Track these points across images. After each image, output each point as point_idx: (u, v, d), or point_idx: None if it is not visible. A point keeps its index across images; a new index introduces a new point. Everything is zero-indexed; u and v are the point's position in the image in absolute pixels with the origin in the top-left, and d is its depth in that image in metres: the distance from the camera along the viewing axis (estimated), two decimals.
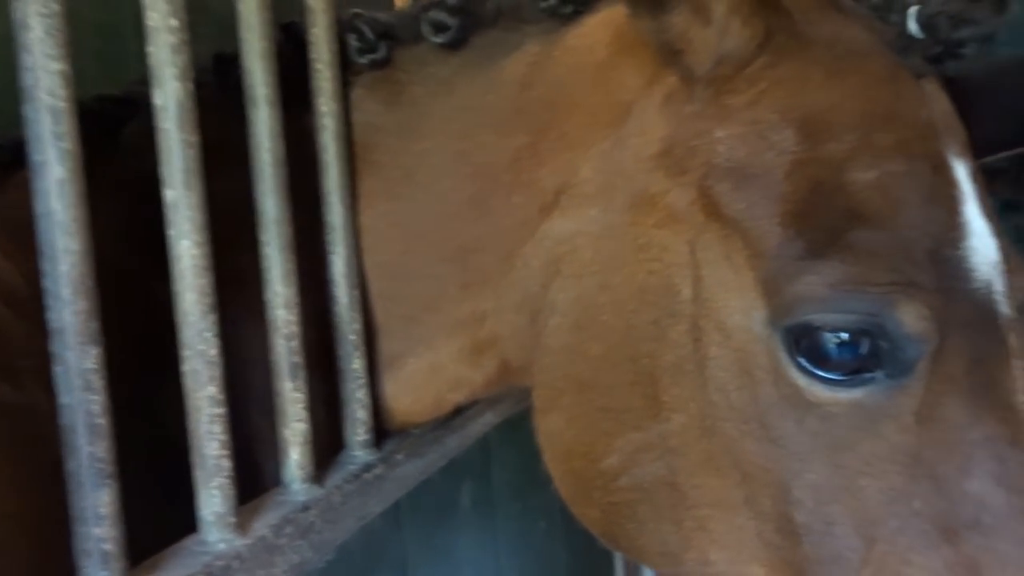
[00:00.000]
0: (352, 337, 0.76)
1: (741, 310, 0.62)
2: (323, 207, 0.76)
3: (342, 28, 0.77)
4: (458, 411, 0.87)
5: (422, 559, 1.28)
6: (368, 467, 0.75)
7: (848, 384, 0.59)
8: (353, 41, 0.77)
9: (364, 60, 0.77)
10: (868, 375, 0.58)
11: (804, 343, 0.59)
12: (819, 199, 0.60)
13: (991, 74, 0.77)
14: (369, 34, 0.77)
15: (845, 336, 0.58)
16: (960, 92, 0.69)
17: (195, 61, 0.61)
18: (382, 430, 0.79)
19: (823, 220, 0.60)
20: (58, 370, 0.51)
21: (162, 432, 0.64)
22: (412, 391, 0.80)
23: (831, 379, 0.59)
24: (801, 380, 0.59)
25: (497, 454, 1.40)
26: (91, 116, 0.64)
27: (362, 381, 0.77)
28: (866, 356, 0.58)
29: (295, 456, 0.69)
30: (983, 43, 0.64)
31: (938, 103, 0.67)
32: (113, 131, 0.80)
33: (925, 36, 0.65)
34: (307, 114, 0.75)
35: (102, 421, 0.52)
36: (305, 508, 0.67)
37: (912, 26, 0.65)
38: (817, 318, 0.58)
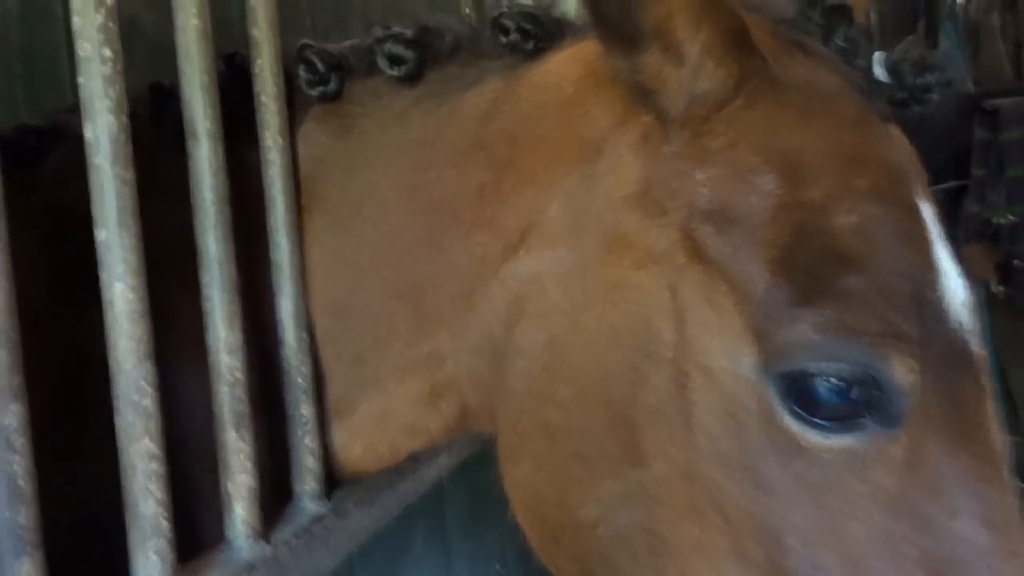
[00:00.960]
0: (300, 381, 0.72)
1: (728, 354, 0.60)
2: (269, 245, 0.72)
3: (291, 59, 0.74)
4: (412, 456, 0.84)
5: None
6: (318, 519, 0.71)
7: (840, 430, 0.57)
8: (303, 73, 0.74)
9: (314, 92, 0.74)
10: (860, 420, 0.57)
11: (797, 389, 0.57)
12: (804, 243, 0.59)
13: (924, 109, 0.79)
14: (320, 66, 0.74)
15: (838, 383, 0.57)
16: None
17: (129, 91, 0.58)
18: (332, 479, 0.75)
19: (810, 265, 0.59)
20: None
21: (88, 491, 0.59)
22: (364, 438, 0.76)
23: (823, 425, 0.57)
24: (793, 426, 0.58)
25: (451, 494, 1.36)
26: (11, 147, 0.60)
27: (310, 427, 0.73)
28: (858, 403, 0.57)
29: (239, 511, 0.65)
30: (945, 87, 0.64)
31: (903, 146, 0.67)
32: (34, 163, 0.75)
33: (891, 81, 0.65)
34: (252, 148, 0.72)
35: (24, 484, 0.47)
36: (251, 568, 0.63)
37: (878, 71, 0.65)
38: (811, 365, 0.57)
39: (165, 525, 0.56)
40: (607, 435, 0.63)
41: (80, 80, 0.55)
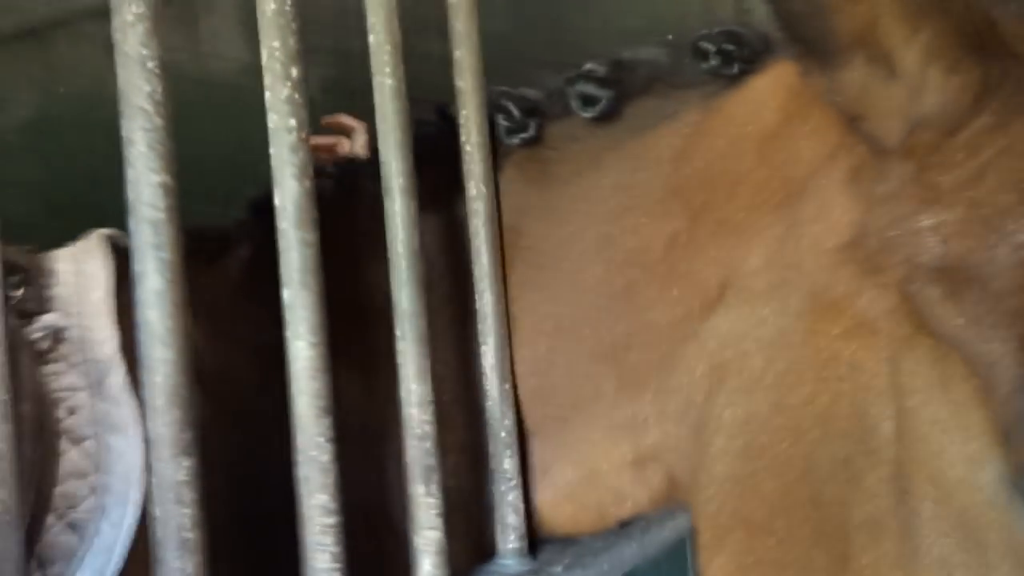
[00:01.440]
0: (503, 435, 0.70)
1: (965, 459, 0.47)
2: (474, 295, 0.71)
3: (490, 107, 0.72)
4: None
5: None
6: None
7: None
8: (502, 121, 0.72)
9: (515, 140, 0.72)
10: None
11: None
12: None
13: None
14: (517, 112, 0.72)
15: None
16: None
17: None
18: (537, 540, 0.72)
19: None
20: (152, 481, 0.52)
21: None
22: (569, 499, 0.72)
23: None
24: None
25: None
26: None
27: (514, 483, 0.70)
28: None
29: (427, 566, 0.64)
30: None
31: None
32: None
33: None
34: (457, 199, 0.72)
35: (191, 535, 0.52)
36: None
37: None
38: None
39: None
40: (815, 543, 0.52)
41: (271, 151, 0.59)
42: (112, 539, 0.68)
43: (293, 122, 0.58)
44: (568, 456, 0.71)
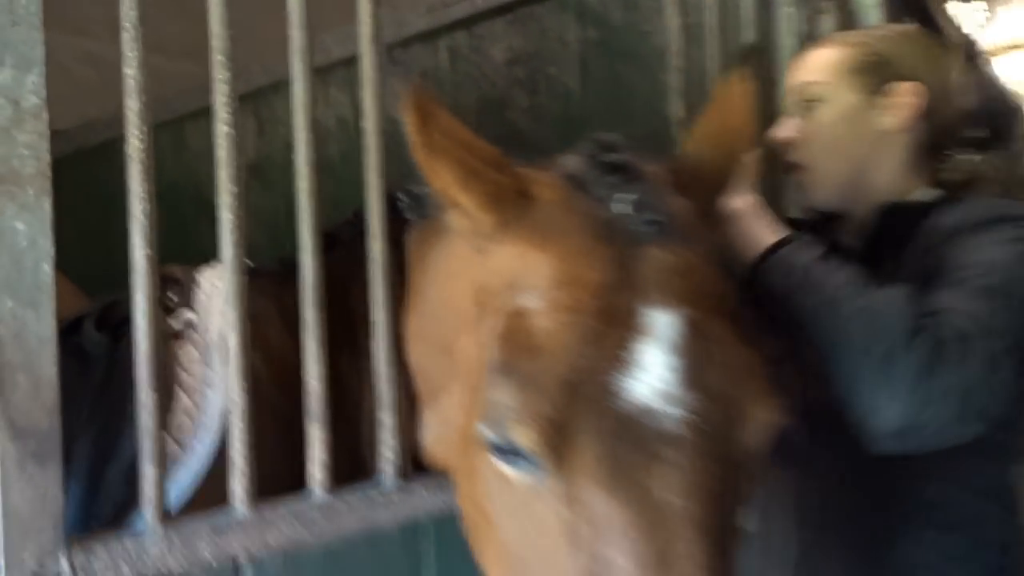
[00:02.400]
0: (386, 400, 1.11)
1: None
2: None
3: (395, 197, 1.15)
4: None
5: None
6: (381, 491, 1.09)
7: (520, 467, 0.76)
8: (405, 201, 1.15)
9: (410, 216, 1.14)
10: (522, 460, 0.76)
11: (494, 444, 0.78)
12: (513, 340, 0.79)
13: None
14: (414, 200, 1.15)
15: (499, 442, 0.77)
16: None
17: None
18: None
19: (510, 355, 0.76)
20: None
21: None
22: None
23: (511, 462, 0.77)
24: (499, 464, 0.78)
25: None
26: None
27: (391, 430, 1.11)
28: (513, 451, 0.76)
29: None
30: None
31: (654, 263, 0.78)
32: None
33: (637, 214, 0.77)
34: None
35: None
36: (315, 507, 1.05)
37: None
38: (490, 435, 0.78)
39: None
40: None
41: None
42: (203, 452, 1.19)
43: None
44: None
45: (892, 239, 1.17)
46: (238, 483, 1.00)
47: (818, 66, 1.27)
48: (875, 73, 1.22)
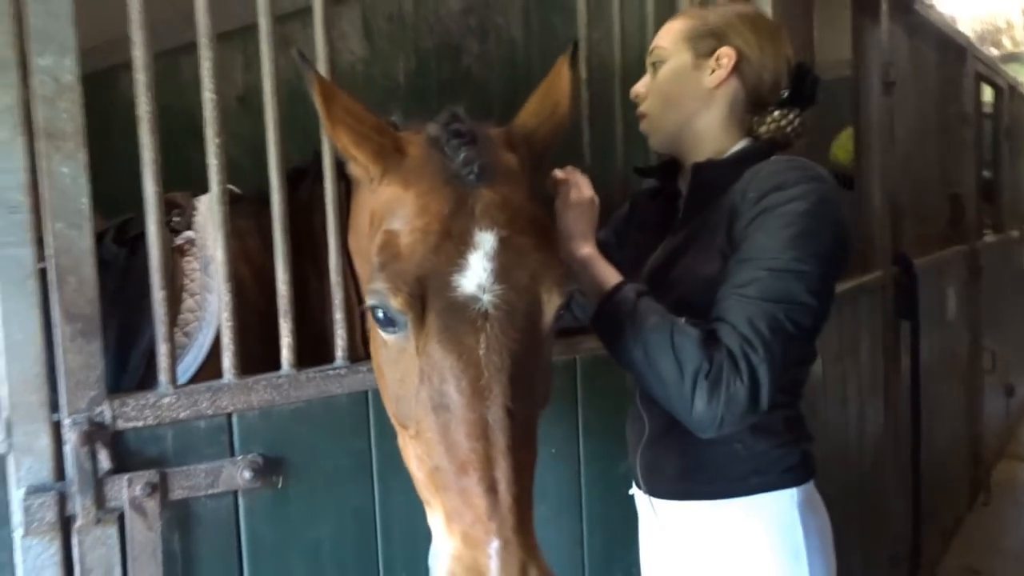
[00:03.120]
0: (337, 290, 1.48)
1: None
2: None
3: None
4: None
5: None
6: (336, 368, 1.47)
7: (392, 332, 1.13)
8: None
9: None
10: (394, 328, 1.12)
11: (374, 313, 1.14)
12: (387, 248, 1.15)
13: None
14: None
15: (380, 312, 1.12)
16: None
17: None
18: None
19: (385, 258, 1.13)
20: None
21: None
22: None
23: (387, 329, 1.14)
24: (381, 331, 1.15)
25: None
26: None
27: (341, 325, 1.48)
28: (390, 320, 1.11)
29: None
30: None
31: (481, 199, 1.14)
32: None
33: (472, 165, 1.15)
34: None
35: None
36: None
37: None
38: (372, 301, 1.13)
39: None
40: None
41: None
42: (202, 341, 1.55)
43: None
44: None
45: (704, 191, 1.48)
46: (228, 359, 1.37)
47: (665, 33, 1.55)
48: (705, 40, 1.48)
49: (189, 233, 1.63)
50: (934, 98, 4.17)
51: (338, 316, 1.48)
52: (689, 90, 1.50)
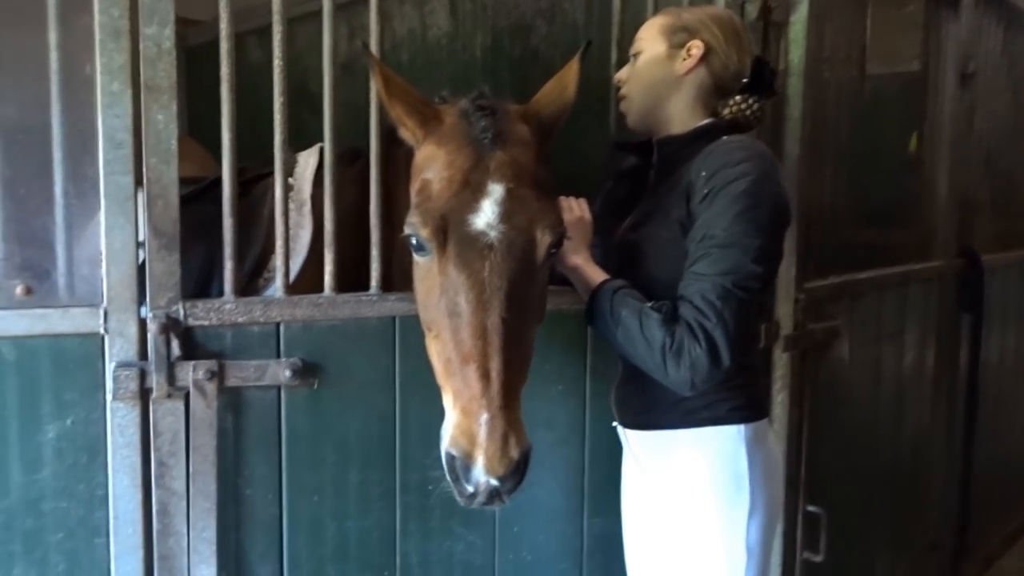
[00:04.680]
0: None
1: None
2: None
3: None
4: None
5: None
6: (369, 295, 1.75)
7: (422, 254, 1.43)
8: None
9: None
10: (423, 252, 1.42)
11: (408, 240, 1.44)
12: (422, 192, 1.45)
13: None
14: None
15: (413, 239, 1.42)
16: None
17: None
18: None
19: (419, 200, 1.44)
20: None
21: None
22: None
23: (419, 252, 1.44)
24: (415, 255, 1.45)
25: None
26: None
27: (376, 260, 1.76)
28: (420, 246, 1.42)
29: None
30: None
31: (495, 159, 1.43)
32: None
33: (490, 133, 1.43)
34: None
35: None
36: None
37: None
38: (408, 231, 1.44)
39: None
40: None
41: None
42: (292, 268, 1.86)
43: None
44: None
45: (668, 164, 1.70)
46: (279, 279, 1.68)
47: (645, 28, 1.76)
48: (678, 34, 1.69)
49: (291, 180, 1.95)
50: None
51: (375, 252, 1.76)
52: (662, 76, 1.71)
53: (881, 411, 2.81)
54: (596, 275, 1.65)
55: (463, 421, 1.32)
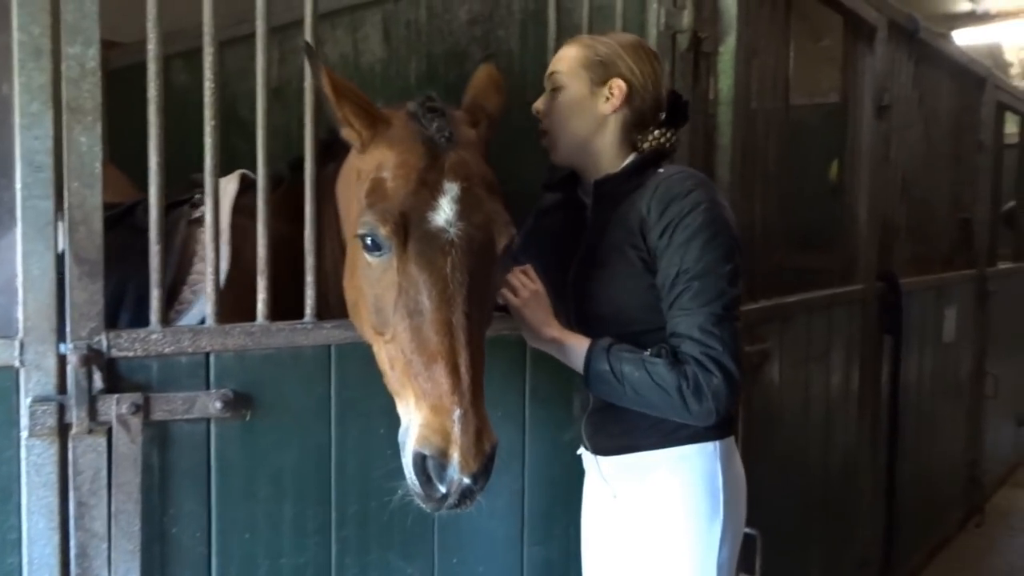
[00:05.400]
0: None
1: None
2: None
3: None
4: None
5: None
6: (304, 324, 1.70)
7: (377, 254, 1.42)
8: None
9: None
10: (379, 252, 1.42)
11: (363, 240, 1.43)
12: (374, 190, 1.45)
13: None
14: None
15: (369, 239, 1.42)
16: None
17: None
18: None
19: (373, 200, 1.43)
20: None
21: None
22: None
23: (373, 253, 1.43)
24: (366, 255, 1.44)
25: None
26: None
27: (311, 287, 1.72)
28: (377, 245, 1.41)
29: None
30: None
31: (448, 159, 1.46)
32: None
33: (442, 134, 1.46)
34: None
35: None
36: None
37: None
38: (362, 231, 1.43)
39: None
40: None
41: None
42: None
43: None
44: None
45: (607, 201, 1.73)
46: (210, 307, 1.62)
47: (563, 59, 1.77)
48: (597, 70, 1.71)
49: (202, 207, 1.89)
50: (948, 125, 4.27)
51: (309, 279, 1.72)
52: (586, 115, 1.73)
53: (811, 431, 2.88)
54: (579, 342, 1.65)
55: (434, 419, 1.31)
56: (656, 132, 1.74)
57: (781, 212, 2.68)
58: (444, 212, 1.40)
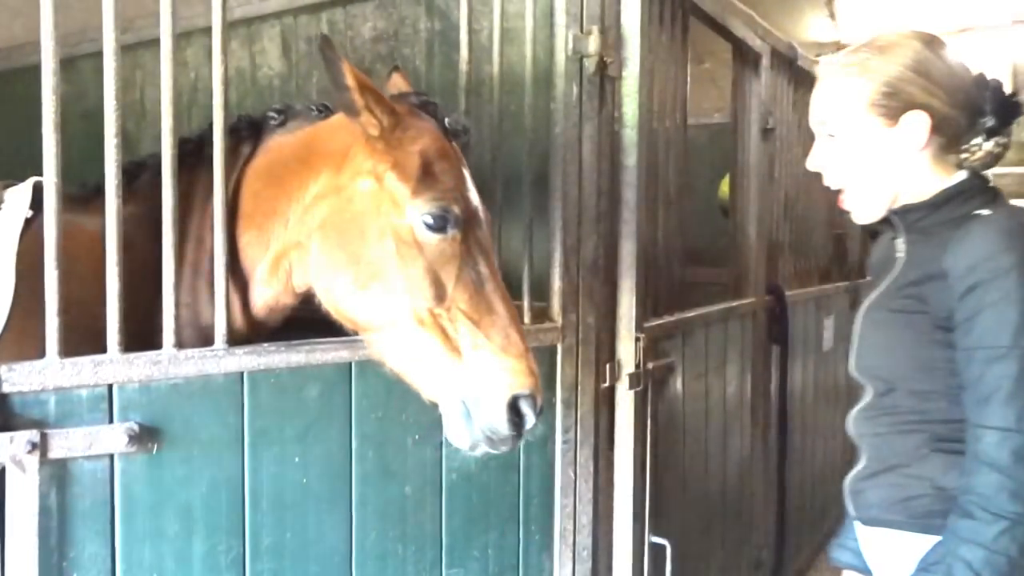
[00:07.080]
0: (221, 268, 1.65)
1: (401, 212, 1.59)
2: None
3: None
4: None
5: None
6: (215, 351, 1.64)
7: (439, 233, 1.56)
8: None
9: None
10: (443, 230, 1.56)
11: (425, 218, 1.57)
12: (427, 175, 1.54)
13: None
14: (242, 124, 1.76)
15: (438, 219, 1.57)
16: None
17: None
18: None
19: (421, 177, 1.53)
20: None
21: None
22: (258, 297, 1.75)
23: (437, 231, 1.57)
24: (427, 233, 1.57)
25: None
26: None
27: (223, 294, 1.65)
28: (442, 223, 1.56)
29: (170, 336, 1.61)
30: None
31: (457, 148, 1.63)
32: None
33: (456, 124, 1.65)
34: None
35: (55, 298, 1.53)
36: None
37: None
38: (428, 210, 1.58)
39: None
40: (349, 261, 1.57)
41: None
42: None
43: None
44: (256, 269, 1.76)
45: (915, 233, 1.51)
46: (112, 336, 1.53)
47: (832, 98, 1.48)
48: (887, 105, 1.43)
49: None
50: None
51: (220, 300, 1.65)
52: (886, 161, 1.48)
53: (711, 440, 2.99)
54: None
55: (518, 364, 1.49)
56: (974, 143, 1.47)
57: (681, 230, 2.78)
58: (475, 194, 1.63)
